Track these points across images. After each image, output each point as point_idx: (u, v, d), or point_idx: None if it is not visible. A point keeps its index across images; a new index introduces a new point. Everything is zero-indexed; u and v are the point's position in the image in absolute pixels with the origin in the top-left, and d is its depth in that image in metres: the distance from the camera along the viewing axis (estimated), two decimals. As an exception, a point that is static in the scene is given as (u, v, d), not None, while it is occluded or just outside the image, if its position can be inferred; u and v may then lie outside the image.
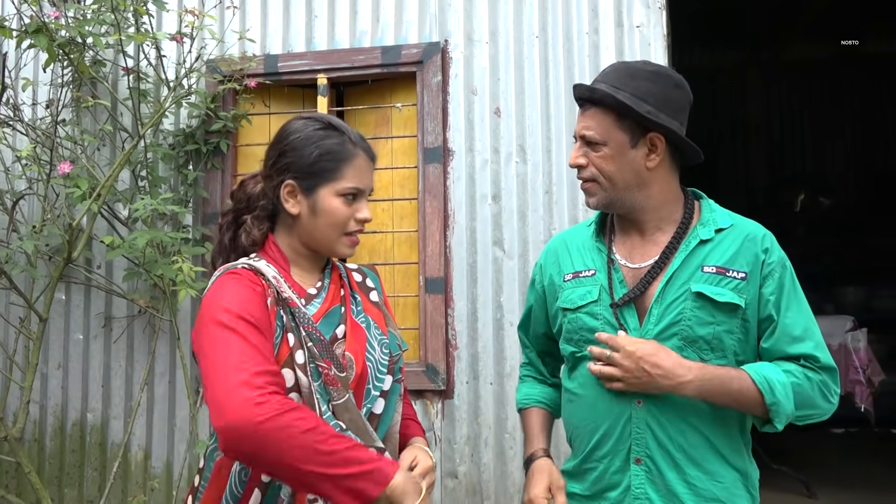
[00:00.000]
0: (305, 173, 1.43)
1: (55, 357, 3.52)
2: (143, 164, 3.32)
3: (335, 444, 1.20)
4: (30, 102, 3.53)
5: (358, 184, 1.45)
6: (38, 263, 3.35)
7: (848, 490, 4.54)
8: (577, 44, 3.25)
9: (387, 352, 1.47)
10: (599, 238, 1.62)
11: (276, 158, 1.46)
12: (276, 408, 1.18)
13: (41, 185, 3.27)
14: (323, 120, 1.49)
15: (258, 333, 1.28)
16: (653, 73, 1.51)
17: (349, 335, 1.42)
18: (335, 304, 1.46)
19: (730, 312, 1.47)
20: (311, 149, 1.43)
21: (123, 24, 3.11)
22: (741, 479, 1.51)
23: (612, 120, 1.49)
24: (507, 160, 3.25)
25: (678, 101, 1.52)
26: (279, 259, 1.46)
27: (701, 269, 1.49)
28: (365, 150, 1.48)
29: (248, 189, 1.52)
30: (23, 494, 3.37)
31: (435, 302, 3.22)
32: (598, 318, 1.54)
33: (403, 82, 3.43)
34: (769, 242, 1.53)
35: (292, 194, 1.44)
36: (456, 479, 3.17)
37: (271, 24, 3.52)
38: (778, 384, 1.43)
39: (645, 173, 1.52)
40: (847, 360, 4.51)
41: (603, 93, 1.48)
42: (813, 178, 7.74)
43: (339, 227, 1.44)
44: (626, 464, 1.50)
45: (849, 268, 6.87)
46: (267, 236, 1.49)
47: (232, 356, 1.23)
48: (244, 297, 1.33)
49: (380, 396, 1.43)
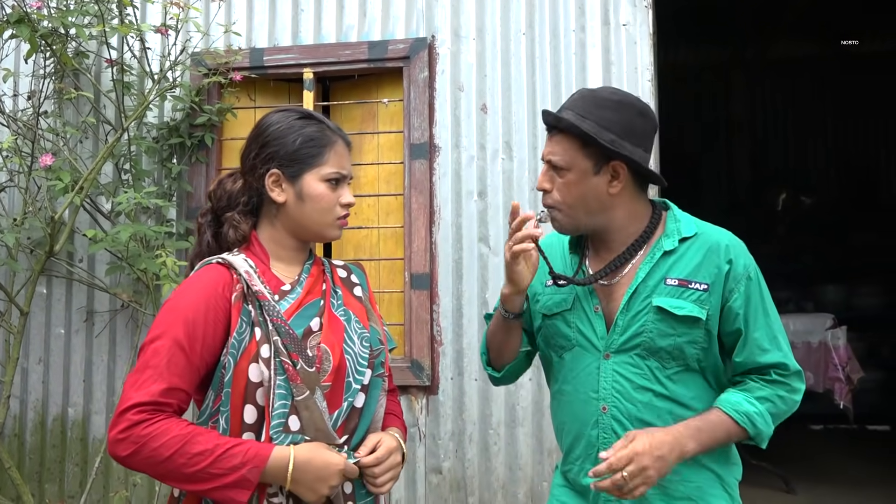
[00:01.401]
0: (289, 160, 1.46)
1: (36, 351, 3.48)
2: (127, 157, 3.29)
3: (197, 464, 1.28)
4: (10, 94, 3.49)
5: (340, 168, 1.49)
6: (20, 256, 3.31)
7: (826, 485, 4.60)
8: (564, 41, 3.26)
9: (367, 345, 1.49)
10: (574, 250, 1.67)
11: (259, 150, 1.49)
12: (132, 445, 1.28)
13: (22, 178, 3.24)
14: (300, 111, 1.53)
15: (173, 350, 1.33)
16: (618, 102, 1.54)
17: (326, 327, 1.44)
18: (315, 298, 1.48)
19: (691, 324, 1.50)
20: (294, 136, 1.47)
21: (107, 16, 3.08)
22: (715, 478, 1.54)
23: (577, 147, 1.52)
24: (494, 157, 3.26)
25: (642, 129, 1.55)
26: (260, 254, 1.49)
27: (664, 281, 1.53)
28: (342, 137, 1.53)
29: (227, 187, 1.54)
30: (2, 490, 3.34)
31: (420, 298, 3.22)
32: (571, 326, 1.60)
33: (390, 78, 3.42)
34: (733, 253, 1.54)
35: (277, 183, 1.47)
36: (440, 474, 3.18)
37: (257, 18, 3.49)
38: (757, 416, 1.49)
39: (607, 199, 1.55)
40: (827, 358, 4.56)
41: (568, 123, 1.51)
42: (795, 177, 7.81)
43: (327, 211, 1.48)
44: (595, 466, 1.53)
45: (829, 266, 6.94)
46: (251, 232, 1.51)
47: (130, 379, 1.33)
48: (192, 301, 1.38)
49: (360, 390, 1.45)
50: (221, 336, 1.38)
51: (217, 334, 1.38)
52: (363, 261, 3.38)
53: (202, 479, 1.28)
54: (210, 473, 1.28)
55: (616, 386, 1.52)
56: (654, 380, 1.51)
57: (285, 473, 1.32)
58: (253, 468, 1.30)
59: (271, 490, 1.36)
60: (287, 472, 1.32)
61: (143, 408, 1.29)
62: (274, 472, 1.32)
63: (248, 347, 1.38)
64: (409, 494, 3.20)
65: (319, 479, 1.34)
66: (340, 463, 1.36)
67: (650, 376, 1.51)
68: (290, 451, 1.33)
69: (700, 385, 1.55)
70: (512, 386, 3.15)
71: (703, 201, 6.63)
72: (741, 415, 1.48)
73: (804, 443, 5.68)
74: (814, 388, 4.45)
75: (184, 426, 1.31)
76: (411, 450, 3.21)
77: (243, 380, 1.36)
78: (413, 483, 3.20)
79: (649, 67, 3.18)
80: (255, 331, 1.38)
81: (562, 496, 1.64)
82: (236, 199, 1.51)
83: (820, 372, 4.53)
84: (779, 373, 1.53)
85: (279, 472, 1.32)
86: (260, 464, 1.30)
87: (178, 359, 1.33)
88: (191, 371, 1.35)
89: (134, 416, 1.29)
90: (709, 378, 1.56)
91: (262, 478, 1.31)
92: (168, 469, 1.29)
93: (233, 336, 1.37)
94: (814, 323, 4.69)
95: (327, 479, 1.35)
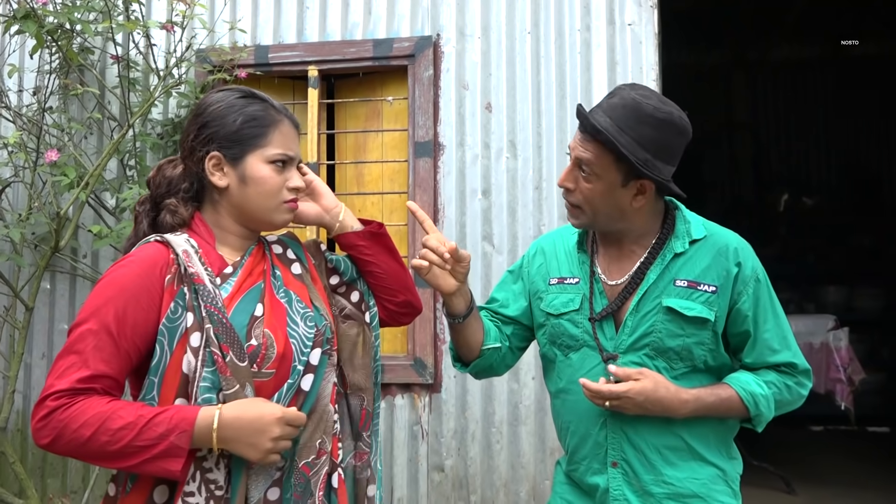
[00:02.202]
0: (230, 142, 1.38)
1: (40, 347, 3.49)
2: (132, 153, 3.30)
3: (122, 439, 1.21)
4: (16, 89, 3.50)
5: (286, 150, 1.40)
6: (24, 252, 3.32)
7: (827, 486, 4.60)
8: (569, 41, 3.26)
9: (312, 325, 1.40)
10: (583, 249, 1.66)
11: (198, 131, 1.40)
12: (52, 431, 1.23)
13: (27, 173, 3.24)
14: (242, 90, 1.44)
15: (98, 335, 1.26)
16: (661, 121, 1.48)
17: (268, 313, 1.35)
18: (256, 282, 1.40)
19: (700, 325, 1.51)
20: (235, 116, 1.38)
21: (113, 12, 3.08)
22: (719, 474, 1.55)
23: (610, 159, 1.49)
24: (498, 155, 3.26)
25: (677, 147, 1.53)
26: (204, 234, 1.41)
27: (674, 282, 1.54)
28: (289, 116, 1.44)
29: (167, 173, 1.45)
30: (6, 484, 3.34)
31: (423, 296, 3.21)
32: (579, 327, 1.60)
33: (395, 76, 3.43)
34: (742, 255, 1.55)
35: (218, 166, 1.39)
36: (442, 472, 3.18)
37: (262, 15, 3.50)
38: (762, 398, 1.52)
39: (629, 210, 1.55)
40: (828, 359, 4.57)
41: (606, 137, 1.46)
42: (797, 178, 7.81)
43: (272, 195, 1.39)
44: (603, 466, 1.55)
45: (831, 268, 6.94)
46: (194, 216, 1.43)
47: (54, 365, 1.27)
48: (123, 287, 1.30)
49: (306, 372, 1.37)
50: (154, 321, 1.29)
51: (149, 319, 1.29)
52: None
53: (129, 454, 1.22)
54: (136, 447, 1.21)
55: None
56: None
57: (212, 433, 1.23)
58: (181, 433, 1.22)
59: (201, 454, 1.28)
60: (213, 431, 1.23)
61: (63, 394, 1.23)
62: (203, 434, 1.23)
63: (184, 335, 1.30)
64: (412, 492, 3.21)
65: (256, 431, 1.25)
66: (277, 411, 1.26)
67: None
68: (216, 410, 1.24)
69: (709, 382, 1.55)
70: (515, 384, 3.16)
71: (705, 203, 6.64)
72: (747, 393, 1.51)
73: (805, 444, 5.69)
74: (815, 389, 4.44)
75: (104, 403, 1.24)
76: (414, 448, 3.22)
77: (177, 370, 1.29)
78: (415, 481, 3.21)
79: (654, 67, 3.18)
80: (188, 316, 1.30)
81: (565, 493, 1.65)
82: (176, 186, 1.43)
83: (821, 373, 4.53)
84: (788, 371, 1.56)
85: (209, 434, 1.24)
86: (187, 427, 1.22)
87: (105, 343, 1.26)
88: (119, 357, 1.27)
89: (52, 402, 1.23)
90: (715, 379, 1.56)
91: (192, 443, 1.23)
92: (92, 450, 1.22)
93: (162, 322, 1.29)
94: (815, 324, 4.70)
95: (264, 430, 1.25)
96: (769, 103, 8.19)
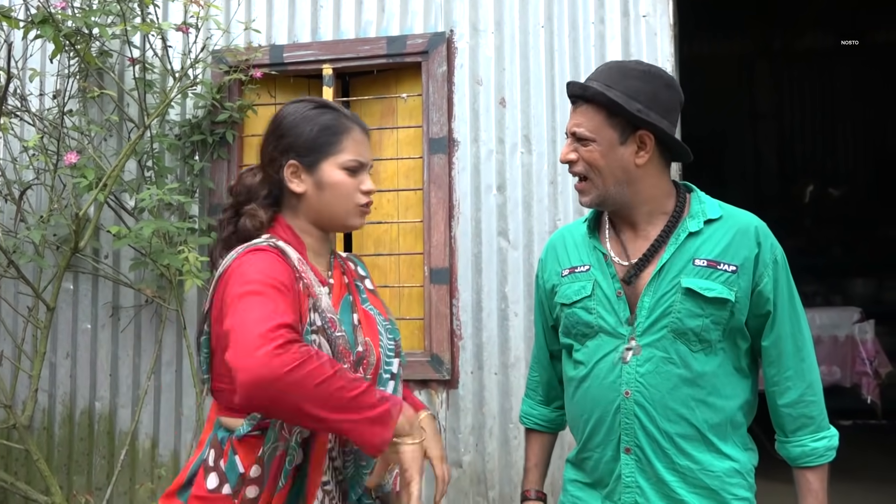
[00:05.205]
0: (307, 150, 1.46)
1: (63, 346, 3.55)
2: (150, 154, 3.33)
3: (356, 388, 1.23)
4: (37, 93, 3.55)
5: (358, 156, 1.48)
6: (46, 253, 3.37)
7: (852, 481, 4.52)
8: (583, 34, 3.23)
9: (391, 336, 1.52)
10: (594, 235, 1.65)
11: (276, 142, 1.49)
12: (294, 358, 1.18)
13: (48, 176, 3.29)
14: (315, 101, 1.53)
15: (281, 294, 1.28)
16: (644, 72, 1.53)
17: (363, 323, 1.46)
18: (344, 294, 1.49)
19: (720, 306, 1.49)
20: (310, 126, 1.47)
21: (129, 15, 3.12)
22: (735, 467, 1.53)
23: (603, 117, 1.50)
24: (513, 151, 3.25)
25: (668, 100, 1.54)
26: (293, 241, 1.46)
27: (692, 262, 1.51)
28: (359, 124, 1.52)
29: (247, 181, 1.53)
30: (31, 482, 3.41)
31: (440, 292, 3.22)
32: (592, 313, 1.57)
33: (409, 72, 3.43)
34: (762, 236, 1.53)
35: (296, 174, 1.47)
36: (460, 468, 3.18)
37: (277, 15, 3.52)
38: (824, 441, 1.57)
39: (633, 170, 1.53)
40: (854, 352, 4.50)
41: (594, 90, 1.50)
42: (822, 169, 7.69)
43: (347, 198, 1.48)
44: (617, 453, 1.53)
45: (858, 259, 6.83)
46: (274, 218, 1.50)
47: (252, 313, 1.24)
48: (270, 267, 1.34)
49: (390, 379, 1.49)
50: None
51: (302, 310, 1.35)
52: (383, 255, 3.40)
53: (355, 407, 1.22)
54: (363, 403, 1.23)
55: (640, 370, 1.50)
56: (680, 363, 1.49)
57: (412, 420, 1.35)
58: (394, 405, 1.28)
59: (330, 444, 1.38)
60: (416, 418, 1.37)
61: (293, 328, 1.23)
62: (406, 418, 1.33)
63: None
64: (429, 488, 3.21)
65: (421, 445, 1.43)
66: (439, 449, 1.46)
67: (676, 359, 1.49)
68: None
69: (724, 368, 1.52)
70: (532, 380, 3.15)
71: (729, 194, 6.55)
72: (818, 457, 1.56)
73: (831, 438, 5.60)
74: (841, 382, 4.39)
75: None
76: (432, 444, 3.22)
77: None
78: (433, 477, 3.20)
79: (670, 59, 3.14)
80: (315, 318, 1.37)
81: (575, 491, 1.64)
82: (256, 193, 1.51)
83: (847, 366, 4.47)
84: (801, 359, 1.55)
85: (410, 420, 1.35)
86: (399, 403, 1.30)
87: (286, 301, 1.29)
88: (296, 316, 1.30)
89: (289, 333, 1.21)
90: (731, 359, 1.53)
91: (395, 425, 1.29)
92: (327, 391, 1.19)
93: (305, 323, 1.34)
94: (840, 317, 4.63)
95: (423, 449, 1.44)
96: (794, 93, 8.08)
